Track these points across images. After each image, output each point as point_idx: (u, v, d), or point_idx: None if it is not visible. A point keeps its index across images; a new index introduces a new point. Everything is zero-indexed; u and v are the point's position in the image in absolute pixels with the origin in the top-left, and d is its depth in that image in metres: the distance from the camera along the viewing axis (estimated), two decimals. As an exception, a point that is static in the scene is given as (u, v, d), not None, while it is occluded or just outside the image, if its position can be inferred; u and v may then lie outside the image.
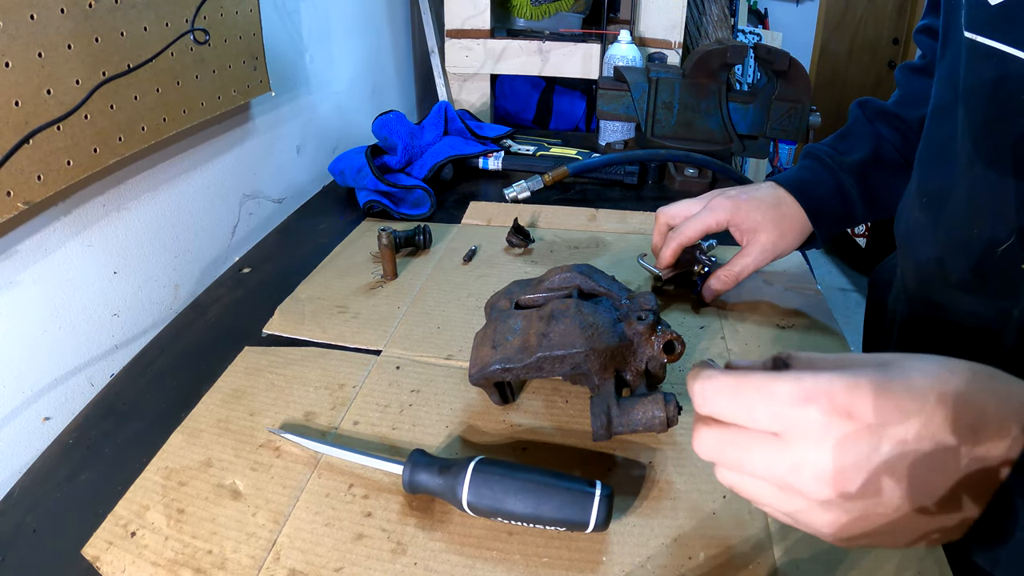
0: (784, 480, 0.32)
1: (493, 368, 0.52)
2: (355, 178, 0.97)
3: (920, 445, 0.30)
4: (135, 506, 0.49)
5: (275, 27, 0.99)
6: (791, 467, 0.32)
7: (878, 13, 3.47)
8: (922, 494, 0.31)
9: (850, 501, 0.31)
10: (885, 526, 0.32)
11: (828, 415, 0.31)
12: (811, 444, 0.31)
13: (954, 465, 0.30)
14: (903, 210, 0.63)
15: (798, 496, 0.32)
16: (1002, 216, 0.49)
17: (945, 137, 0.54)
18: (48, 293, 0.65)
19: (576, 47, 1.42)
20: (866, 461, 0.30)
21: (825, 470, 0.31)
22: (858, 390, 0.31)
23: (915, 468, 0.30)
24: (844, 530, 0.32)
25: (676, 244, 0.71)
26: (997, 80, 0.47)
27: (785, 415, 0.32)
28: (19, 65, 0.56)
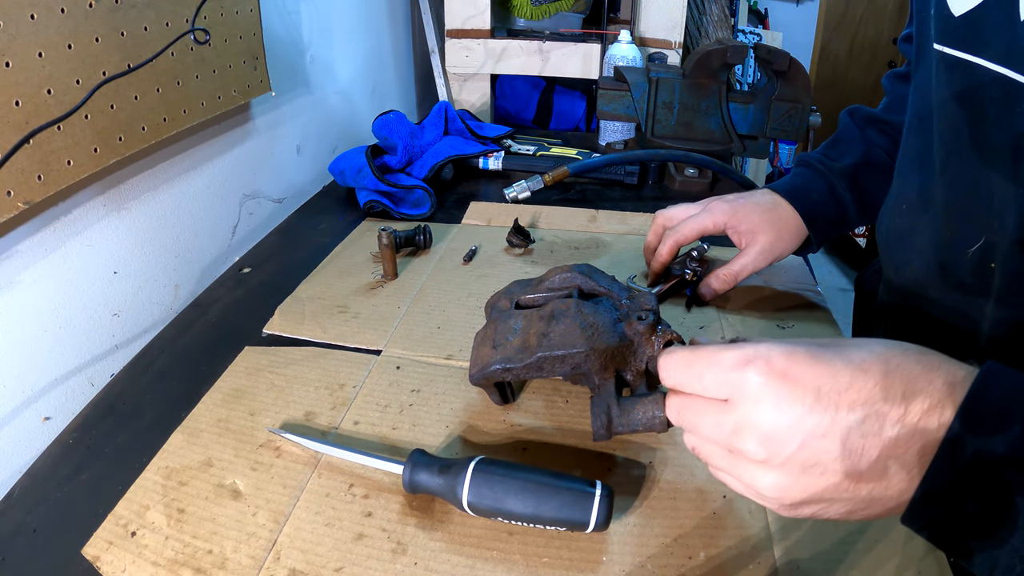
0: (730, 442, 0.36)
1: (493, 368, 0.52)
2: (355, 178, 0.97)
3: (852, 410, 0.32)
4: (135, 506, 0.49)
5: (275, 27, 0.99)
6: (734, 428, 0.35)
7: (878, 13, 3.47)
8: (854, 458, 0.32)
9: (786, 464, 0.33)
10: (823, 492, 0.33)
11: (766, 376, 0.34)
12: (751, 405, 0.34)
13: (885, 431, 0.32)
14: (884, 216, 0.66)
15: (742, 458, 0.35)
16: (973, 219, 0.51)
17: (923, 145, 0.56)
18: (48, 293, 0.65)
19: (576, 47, 1.42)
20: (799, 423, 0.33)
21: (762, 430, 0.34)
22: (795, 355, 0.34)
23: (847, 432, 0.32)
24: (785, 494, 0.34)
25: (672, 241, 0.73)
26: (964, 89, 0.49)
27: (729, 379, 0.35)
28: (19, 65, 0.56)
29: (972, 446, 0.30)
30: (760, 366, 0.34)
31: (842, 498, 0.34)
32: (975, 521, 0.31)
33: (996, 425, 0.30)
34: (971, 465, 0.30)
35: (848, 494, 0.33)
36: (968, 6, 0.48)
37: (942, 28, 0.51)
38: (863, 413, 0.32)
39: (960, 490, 0.31)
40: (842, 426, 0.32)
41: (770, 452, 0.34)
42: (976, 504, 0.31)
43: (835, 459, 0.33)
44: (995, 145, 0.47)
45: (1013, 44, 0.44)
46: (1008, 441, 0.30)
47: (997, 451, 0.30)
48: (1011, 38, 0.44)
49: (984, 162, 0.49)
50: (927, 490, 0.32)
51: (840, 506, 0.34)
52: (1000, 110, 0.46)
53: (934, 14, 0.52)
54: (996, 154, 0.47)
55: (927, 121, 0.56)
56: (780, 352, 0.34)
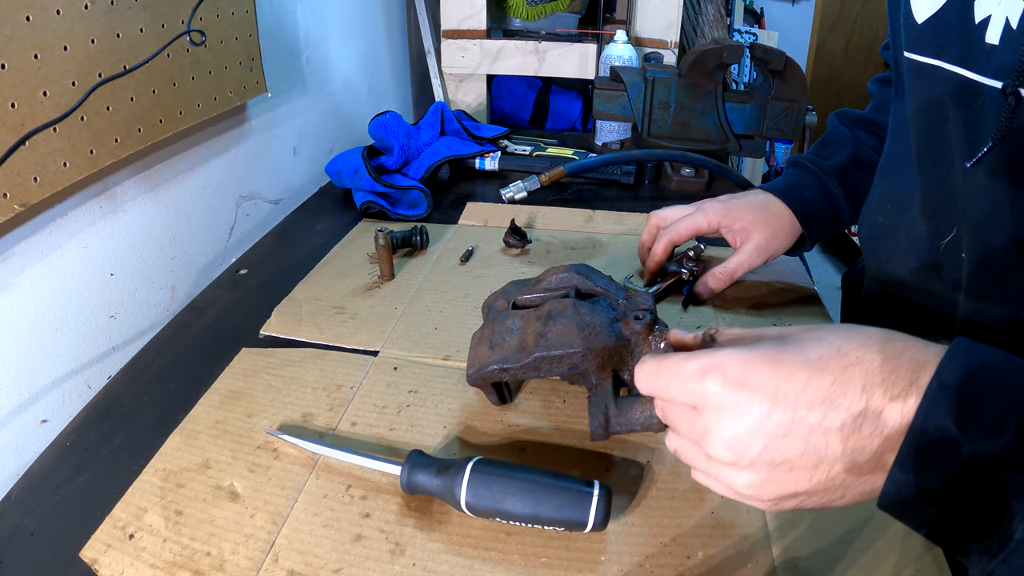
0: (702, 445, 0.37)
1: (491, 368, 0.52)
2: (352, 179, 0.97)
3: (811, 408, 0.33)
4: (133, 508, 0.49)
5: (271, 28, 0.99)
6: (703, 434, 0.36)
7: (873, 13, 3.48)
8: (819, 453, 0.34)
9: (754, 464, 0.35)
10: (796, 486, 0.35)
11: (723, 385, 0.35)
12: (713, 413, 0.36)
13: (846, 425, 0.33)
14: (866, 215, 0.68)
15: (716, 461, 0.36)
16: (944, 213, 0.54)
17: (903, 149, 0.59)
18: (45, 295, 0.65)
19: (572, 47, 1.42)
20: (760, 426, 0.34)
21: (726, 436, 0.35)
22: (752, 361, 0.35)
23: (808, 430, 0.33)
24: (760, 491, 0.36)
25: (667, 240, 0.74)
26: (929, 91, 0.52)
27: (692, 388, 0.37)
28: (15, 67, 0.56)
29: (968, 448, 0.31)
30: (717, 376, 0.36)
31: (816, 490, 0.35)
32: (972, 519, 0.31)
33: (989, 420, 0.31)
34: (967, 465, 0.31)
35: (821, 486, 0.34)
36: (929, 12, 0.51)
37: (909, 36, 0.54)
38: (822, 411, 0.33)
39: (956, 487, 0.31)
40: (803, 425, 0.33)
41: (736, 455, 0.35)
42: (973, 502, 0.31)
43: (800, 456, 0.34)
44: (957, 141, 0.50)
45: (968, 45, 0.47)
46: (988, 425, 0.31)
47: (992, 450, 0.30)
48: (966, 40, 0.47)
49: (949, 158, 0.51)
50: (922, 488, 0.32)
51: (818, 497, 0.35)
52: (959, 108, 0.49)
53: (903, 23, 0.55)
54: (959, 150, 0.50)
55: (905, 125, 0.58)
56: (737, 360, 0.36)
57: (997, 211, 0.48)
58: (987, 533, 0.31)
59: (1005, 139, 0.44)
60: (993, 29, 0.45)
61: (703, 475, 0.39)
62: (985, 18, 0.46)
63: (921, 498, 0.32)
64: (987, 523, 0.31)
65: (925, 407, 0.32)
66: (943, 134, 0.52)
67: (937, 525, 0.33)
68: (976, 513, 0.31)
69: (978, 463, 0.30)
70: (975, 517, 0.31)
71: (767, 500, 0.36)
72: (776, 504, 0.36)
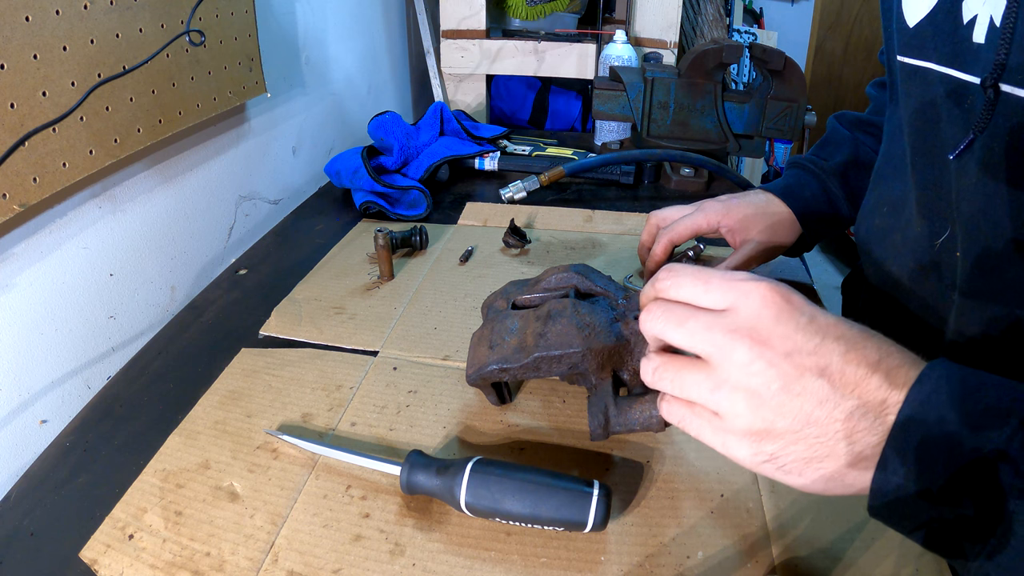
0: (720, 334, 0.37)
1: (490, 368, 0.52)
2: (351, 179, 0.97)
3: (838, 341, 0.35)
4: (133, 509, 0.49)
5: (271, 28, 0.99)
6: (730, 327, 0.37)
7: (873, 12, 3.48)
8: (821, 395, 0.34)
9: (771, 354, 0.35)
10: (792, 416, 0.35)
11: (767, 292, 0.37)
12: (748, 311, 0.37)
13: (846, 399, 0.34)
14: (863, 218, 0.69)
15: (724, 349, 0.37)
16: (939, 212, 0.54)
17: (899, 152, 0.60)
18: (44, 296, 0.65)
19: (572, 47, 1.42)
20: (793, 333, 0.35)
21: (761, 330, 0.36)
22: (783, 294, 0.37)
23: (828, 361, 0.35)
24: (759, 452, 0.36)
25: (667, 240, 0.74)
26: (922, 94, 0.53)
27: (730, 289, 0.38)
28: (14, 67, 0.56)
29: (968, 441, 0.31)
30: (768, 287, 0.37)
31: (804, 433, 0.35)
32: (971, 522, 0.31)
33: (992, 421, 0.31)
34: (970, 463, 0.31)
35: (809, 427, 0.35)
36: (920, 15, 0.52)
37: (901, 40, 0.55)
38: (835, 378, 0.34)
39: (957, 488, 0.31)
40: (826, 352, 0.35)
41: (761, 342, 0.36)
42: (974, 504, 0.31)
43: (799, 385, 0.35)
44: (950, 141, 0.51)
45: (957, 46, 0.48)
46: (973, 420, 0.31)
47: (994, 445, 0.30)
48: (955, 40, 0.48)
49: (943, 158, 0.52)
50: (922, 487, 0.32)
51: (800, 446, 0.35)
52: (951, 108, 0.50)
53: (895, 28, 0.55)
54: (951, 149, 0.50)
55: (900, 128, 0.59)
56: (781, 286, 0.37)
57: (989, 208, 0.49)
58: (984, 534, 0.31)
59: (986, 132, 0.46)
60: (979, 28, 0.46)
61: (695, 424, 0.39)
62: (972, 18, 0.47)
63: (919, 496, 0.32)
64: (985, 523, 0.31)
65: (922, 393, 0.32)
66: (936, 134, 0.53)
67: (933, 525, 0.32)
68: (975, 513, 0.31)
69: (978, 459, 0.30)
70: (973, 518, 0.31)
71: (754, 430, 0.36)
72: (757, 441, 0.36)
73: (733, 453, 0.38)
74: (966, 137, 0.47)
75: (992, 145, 0.47)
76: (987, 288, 0.52)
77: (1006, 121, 0.45)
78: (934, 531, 0.33)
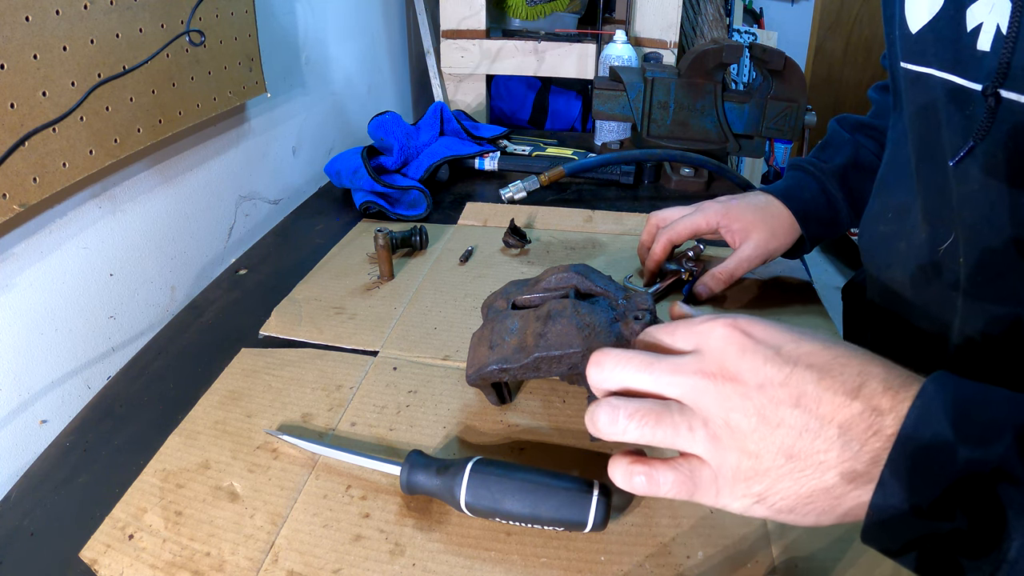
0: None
1: (490, 368, 0.52)
2: (351, 179, 0.97)
3: (809, 369, 0.34)
4: (133, 508, 0.49)
5: (271, 28, 0.99)
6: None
7: (873, 12, 3.48)
8: (794, 443, 0.33)
9: (744, 389, 0.34)
10: (775, 481, 0.34)
11: (730, 329, 0.36)
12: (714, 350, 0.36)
13: (826, 428, 0.33)
14: (866, 225, 0.69)
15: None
16: (942, 219, 0.55)
17: (904, 158, 0.60)
18: (44, 296, 0.65)
19: (572, 47, 1.42)
20: (760, 368, 0.34)
21: (729, 366, 0.35)
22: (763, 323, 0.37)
23: (790, 418, 0.33)
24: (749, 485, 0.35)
25: (666, 239, 0.74)
26: (924, 99, 0.53)
27: (697, 330, 0.38)
28: (14, 67, 0.56)
29: (963, 455, 0.30)
30: (725, 324, 0.37)
31: (789, 468, 0.33)
32: (967, 537, 0.30)
33: (988, 434, 0.30)
34: (962, 478, 0.30)
35: (796, 453, 0.33)
36: (923, 22, 0.52)
37: (904, 47, 0.55)
38: (813, 406, 0.33)
39: (951, 503, 0.30)
40: (798, 382, 0.34)
41: (730, 374, 0.35)
42: (967, 516, 0.30)
43: (778, 449, 0.33)
44: (951, 147, 0.51)
45: (959, 53, 0.48)
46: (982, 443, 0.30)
47: (990, 460, 0.29)
48: (958, 47, 0.48)
49: (945, 164, 0.52)
50: (916, 503, 0.30)
51: (787, 480, 0.34)
52: (952, 114, 0.50)
53: (898, 34, 0.56)
54: (953, 155, 0.50)
55: (904, 135, 0.60)
56: (740, 320, 0.37)
57: (992, 214, 0.49)
58: (981, 552, 0.29)
59: (987, 138, 0.46)
60: (984, 36, 0.46)
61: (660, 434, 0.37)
62: (977, 26, 0.47)
63: (912, 512, 0.30)
64: (981, 541, 0.29)
65: (919, 410, 0.31)
66: (939, 140, 0.53)
67: (927, 543, 0.31)
68: (970, 530, 0.30)
69: (974, 473, 0.29)
70: (969, 535, 0.30)
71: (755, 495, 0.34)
72: (744, 483, 0.35)
73: (726, 502, 0.36)
74: (967, 143, 0.48)
75: (993, 151, 0.47)
76: (990, 291, 0.52)
77: (1007, 127, 0.45)
78: (927, 550, 0.31)
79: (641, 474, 0.38)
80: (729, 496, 0.36)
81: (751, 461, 0.34)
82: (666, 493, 0.37)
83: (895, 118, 0.63)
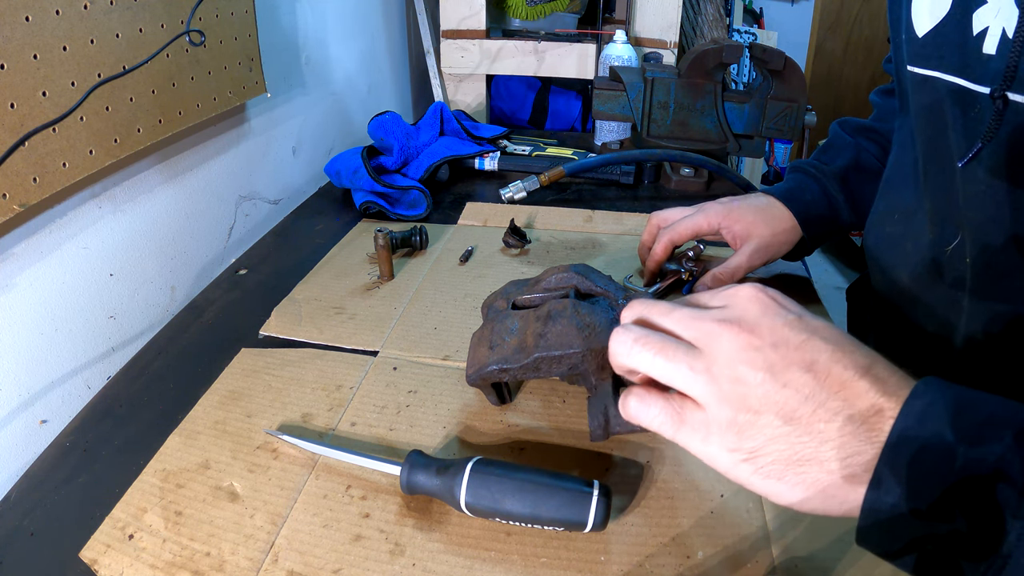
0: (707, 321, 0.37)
1: (490, 369, 0.52)
2: (351, 179, 0.97)
3: (826, 340, 0.35)
4: (133, 508, 0.49)
5: (271, 28, 0.99)
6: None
7: (873, 12, 3.48)
8: (798, 407, 0.33)
9: (754, 331, 0.36)
10: (769, 448, 0.34)
11: (755, 294, 0.38)
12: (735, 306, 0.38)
13: (832, 399, 0.33)
14: (872, 227, 0.69)
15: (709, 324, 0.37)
16: (950, 219, 0.55)
17: (909, 161, 0.61)
18: (44, 296, 0.65)
19: (572, 47, 1.42)
20: (772, 326, 0.36)
21: (747, 317, 0.37)
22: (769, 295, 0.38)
23: (796, 389, 0.34)
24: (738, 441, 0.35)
25: (667, 239, 0.74)
26: (931, 102, 0.54)
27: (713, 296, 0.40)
28: (14, 67, 0.56)
29: (963, 456, 0.30)
30: (753, 287, 0.38)
31: (786, 430, 0.34)
32: (966, 539, 0.30)
33: (988, 434, 0.30)
34: (962, 479, 0.29)
35: (795, 418, 0.34)
36: (929, 26, 0.52)
37: (910, 50, 0.56)
38: (825, 374, 0.34)
39: (950, 504, 0.30)
40: (814, 349, 0.34)
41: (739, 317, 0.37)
42: (968, 520, 0.29)
43: (777, 412, 0.34)
44: (958, 149, 0.51)
45: (966, 56, 0.49)
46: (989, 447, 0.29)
47: (988, 461, 0.29)
48: (965, 51, 0.49)
49: (952, 165, 0.53)
50: (915, 505, 0.30)
51: (782, 447, 0.34)
52: (958, 116, 0.51)
53: (904, 38, 0.56)
54: (960, 157, 0.51)
55: (910, 137, 0.60)
56: (768, 288, 0.39)
57: (998, 214, 0.50)
58: (983, 552, 0.29)
59: (994, 140, 0.46)
60: (991, 40, 0.47)
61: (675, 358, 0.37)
62: (983, 29, 0.47)
63: (911, 514, 0.30)
64: (983, 540, 0.29)
65: (918, 407, 0.31)
66: (945, 142, 0.53)
67: (926, 545, 0.31)
68: (970, 530, 0.29)
69: (973, 475, 0.29)
70: (968, 535, 0.29)
71: (740, 409, 0.35)
72: (736, 434, 0.35)
73: (712, 451, 0.36)
74: (975, 145, 0.48)
75: (1000, 153, 0.47)
76: (996, 291, 0.53)
77: (1014, 129, 0.46)
78: (927, 552, 0.31)
79: (635, 395, 0.39)
80: (718, 445, 0.36)
81: (749, 416, 0.34)
82: (652, 420, 0.38)
83: (901, 121, 0.64)
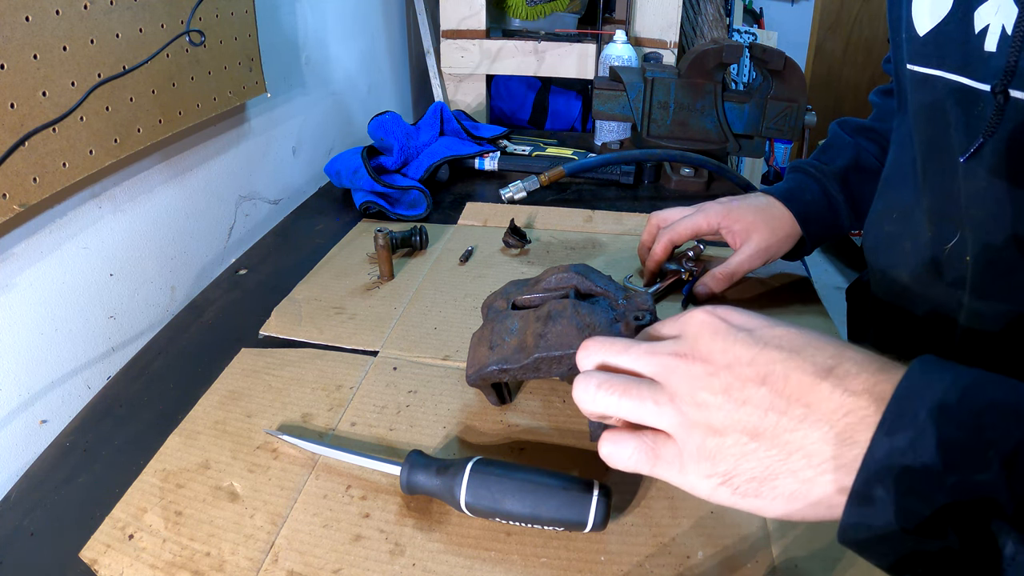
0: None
1: (490, 369, 0.52)
2: (351, 179, 0.97)
3: (779, 347, 0.34)
4: (133, 509, 0.49)
5: (271, 28, 0.99)
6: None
7: (873, 12, 3.49)
8: (760, 422, 0.33)
9: (718, 369, 0.35)
10: (746, 463, 0.33)
11: (708, 315, 0.38)
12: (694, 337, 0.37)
13: (792, 407, 0.32)
14: (871, 226, 0.69)
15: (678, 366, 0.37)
16: (949, 218, 0.55)
17: (908, 159, 0.61)
18: (44, 296, 0.65)
19: (572, 47, 1.42)
20: (730, 348, 0.35)
21: (708, 354, 0.36)
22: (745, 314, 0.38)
23: (764, 398, 0.33)
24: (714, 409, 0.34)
25: (667, 239, 0.74)
26: (932, 101, 0.54)
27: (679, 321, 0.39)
28: (14, 67, 0.56)
29: (951, 478, 0.28)
30: (704, 311, 0.38)
31: (753, 447, 0.33)
32: (958, 556, 0.28)
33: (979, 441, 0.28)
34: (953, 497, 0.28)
35: (770, 468, 0.33)
36: (931, 24, 0.53)
37: (911, 49, 0.56)
38: (787, 378, 0.33)
39: (940, 522, 0.28)
40: (765, 361, 0.34)
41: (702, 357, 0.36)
42: (960, 537, 0.28)
43: (751, 427, 0.33)
44: (959, 147, 0.52)
45: (968, 55, 0.49)
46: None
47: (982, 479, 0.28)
48: (966, 50, 0.49)
49: (953, 164, 0.53)
50: (901, 522, 0.29)
51: (752, 464, 0.33)
52: (960, 115, 0.51)
53: (905, 37, 0.56)
54: (961, 155, 0.51)
55: (908, 136, 0.60)
56: (719, 309, 0.38)
57: (999, 212, 0.50)
58: (977, 569, 0.28)
59: (995, 136, 0.47)
60: (991, 37, 0.47)
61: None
62: (984, 27, 0.48)
63: (901, 529, 0.29)
64: (975, 556, 0.28)
65: (898, 416, 0.29)
66: (946, 140, 0.53)
67: (915, 561, 0.30)
68: (962, 547, 0.28)
69: (963, 499, 0.28)
70: (960, 551, 0.28)
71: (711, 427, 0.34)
72: (709, 461, 0.34)
73: (691, 480, 0.35)
74: (976, 142, 0.48)
75: (1001, 149, 0.48)
76: (996, 289, 0.53)
77: (1015, 126, 0.46)
78: (914, 567, 0.30)
79: (609, 440, 0.39)
80: (694, 474, 0.35)
81: (716, 439, 0.34)
82: (627, 460, 0.38)
83: (899, 120, 0.64)
